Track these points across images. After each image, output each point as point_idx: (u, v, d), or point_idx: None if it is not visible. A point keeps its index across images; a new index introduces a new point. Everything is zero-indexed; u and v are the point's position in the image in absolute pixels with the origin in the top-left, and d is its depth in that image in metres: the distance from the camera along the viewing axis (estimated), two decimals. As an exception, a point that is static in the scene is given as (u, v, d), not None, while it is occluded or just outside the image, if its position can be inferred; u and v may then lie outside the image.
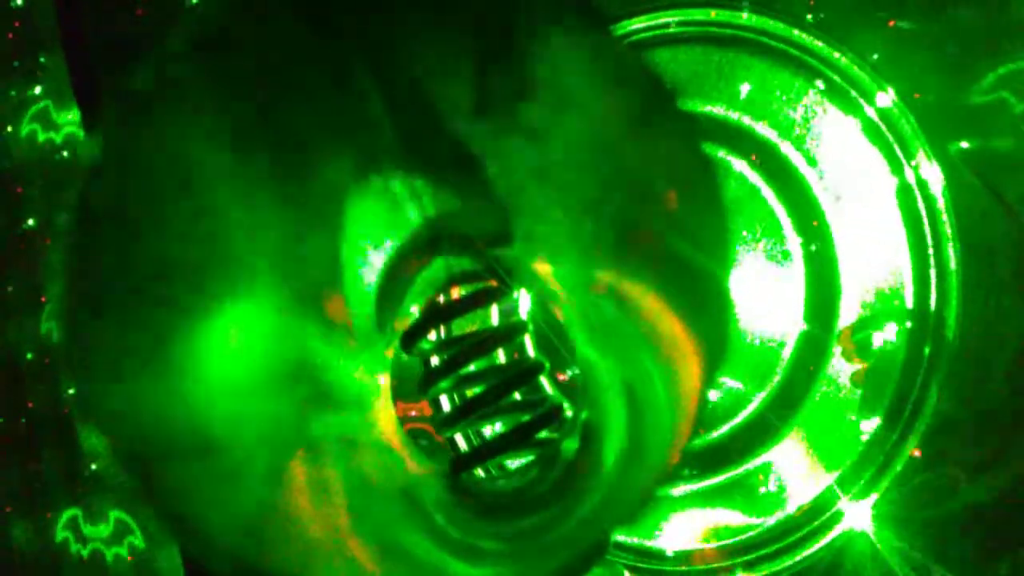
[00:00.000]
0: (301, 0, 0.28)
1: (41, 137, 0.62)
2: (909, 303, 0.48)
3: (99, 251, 0.27)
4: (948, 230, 0.47)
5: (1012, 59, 0.50)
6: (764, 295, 0.50)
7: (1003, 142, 0.50)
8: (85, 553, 0.60)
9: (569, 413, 0.41)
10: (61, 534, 0.60)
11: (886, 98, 0.48)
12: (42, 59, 0.62)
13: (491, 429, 0.48)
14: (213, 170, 0.30)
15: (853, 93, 0.49)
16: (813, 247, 0.50)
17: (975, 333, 0.47)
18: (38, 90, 0.62)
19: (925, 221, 0.48)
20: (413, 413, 0.42)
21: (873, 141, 0.49)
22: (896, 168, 0.49)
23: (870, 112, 0.49)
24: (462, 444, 0.49)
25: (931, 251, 0.48)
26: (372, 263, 0.37)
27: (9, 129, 0.64)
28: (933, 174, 0.48)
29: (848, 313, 0.49)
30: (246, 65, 0.29)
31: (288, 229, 0.33)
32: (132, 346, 0.28)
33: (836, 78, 0.49)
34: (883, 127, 0.48)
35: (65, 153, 0.62)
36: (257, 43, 0.28)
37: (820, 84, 0.50)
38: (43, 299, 0.62)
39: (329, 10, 0.28)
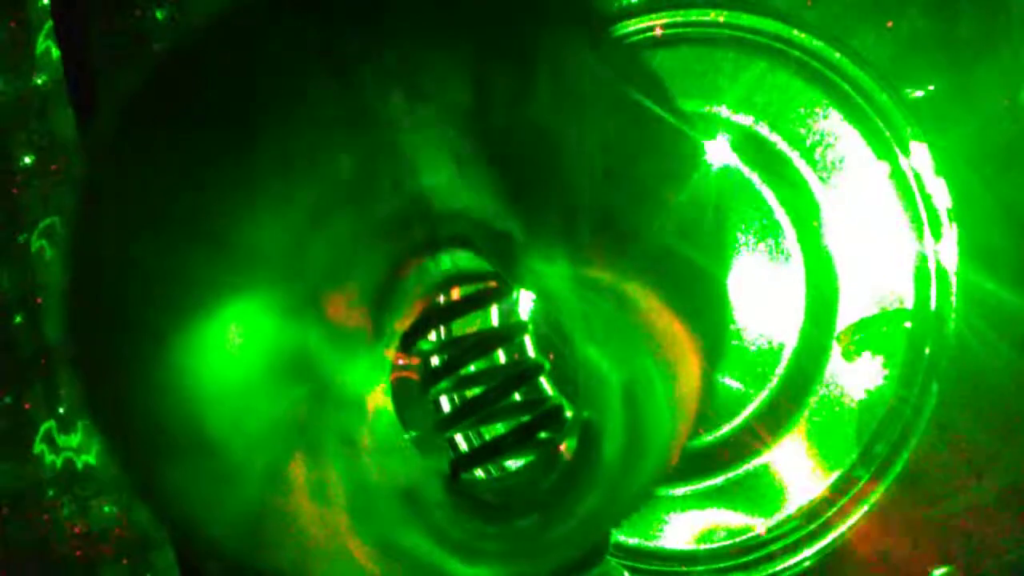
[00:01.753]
0: (304, 2, 0.28)
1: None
2: (909, 303, 0.48)
3: (97, 250, 0.27)
4: (948, 229, 0.47)
5: (1013, 58, 0.50)
6: (764, 295, 0.50)
7: (1004, 141, 0.50)
8: (59, 463, 0.61)
9: (569, 413, 0.41)
10: (38, 447, 0.62)
11: (888, 100, 0.48)
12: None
13: (491, 430, 0.48)
14: (213, 170, 0.30)
15: (853, 92, 0.49)
16: (813, 247, 0.50)
17: (975, 332, 0.47)
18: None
19: (925, 221, 0.48)
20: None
21: (873, 141, 0.49)
22: (896, 167, 0.49)
23: (870, 111, 0.49)
24: (462, 444, 0.49)
25: (931, 251, 0.48)
26: (372, 263, 0.37)
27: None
28: (933, 174, 0.48)
29: (848, 313, 0.49)
30: (248, 65, 0.29)
31: (289, 229, 0.33)
32: (131, 345, 0.28)
33: (836, 78, 0.49)
34: (882, 125, 0.48)
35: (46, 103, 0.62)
36: (259, 42, 0.29)
37: (820, 84, 0.50)
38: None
39: (332, 11, 0.28)
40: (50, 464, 0.62)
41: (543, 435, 0.41)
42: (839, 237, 0.50)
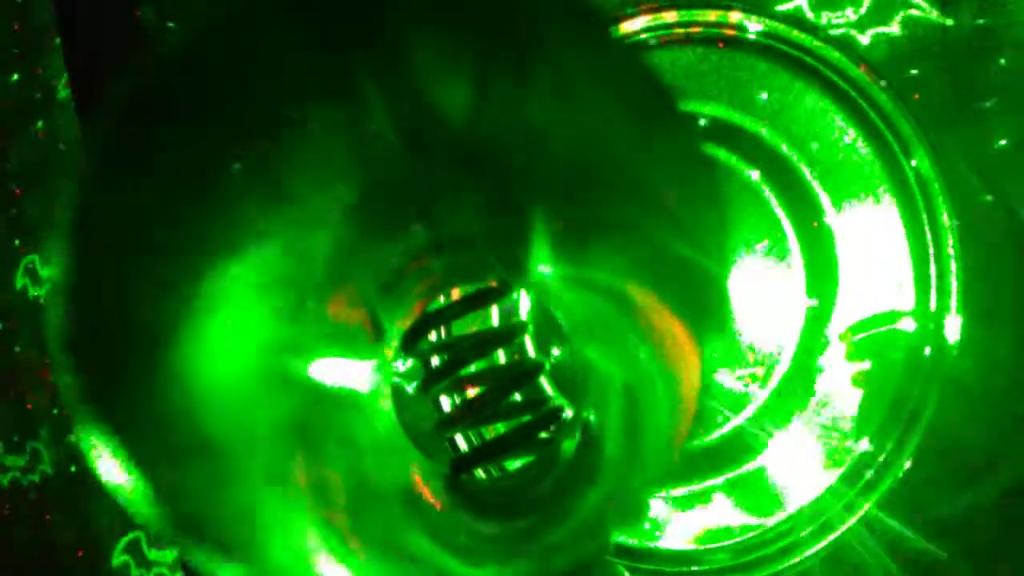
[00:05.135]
0: (302, 6, 0.28)
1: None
2: (909, 303, 0.48)
3: (95, 251, 0.27)
4: (948, 229, 0.47)
5: (1012, 58, 0.50)
6: (764, 295, 0.50)
7: (1004, 141, 0.50)
8: (41, 294, 0.62)
9: (569, 413, 0.41)
10: (20, 281, 0.62)
11: (888, 100, 0.48)
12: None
13: (491, 430, 0.48)
14: (214, 172, 0.30)
15: (853, 93, 0.49)
16: (813, 247, 0.50)
17: (975, 333, 0.47)
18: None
19: (925, 221, 0.48)
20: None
21: (873, 140, 0.49)
22: (896, 168, 0.49)
23: (870, 112, 0.49)
24: (462, 445, 0.49)
25: (931, 251, 0.48)
26: (373, 263, 0.37)
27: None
28: (933, 173, 0.48)
29: (848, 313, 0.49)
30: (245, 68, 0.29)
31: (289, 229, 0.33)
32: (130, 346, 0.28)
33: (836, 79, 0.49)
34: (883, 127, 0.48)
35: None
36: (257, 45, 0.29)
37: (820, 85, 0.50)
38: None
39: (331, 9, 0.28)
40: (33, 299, 0.62)
41: (543, 435, 0.41)
42: (839, 237, 0.50)
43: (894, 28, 0.51)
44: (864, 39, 0.51)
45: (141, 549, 0.59)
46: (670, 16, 0.50)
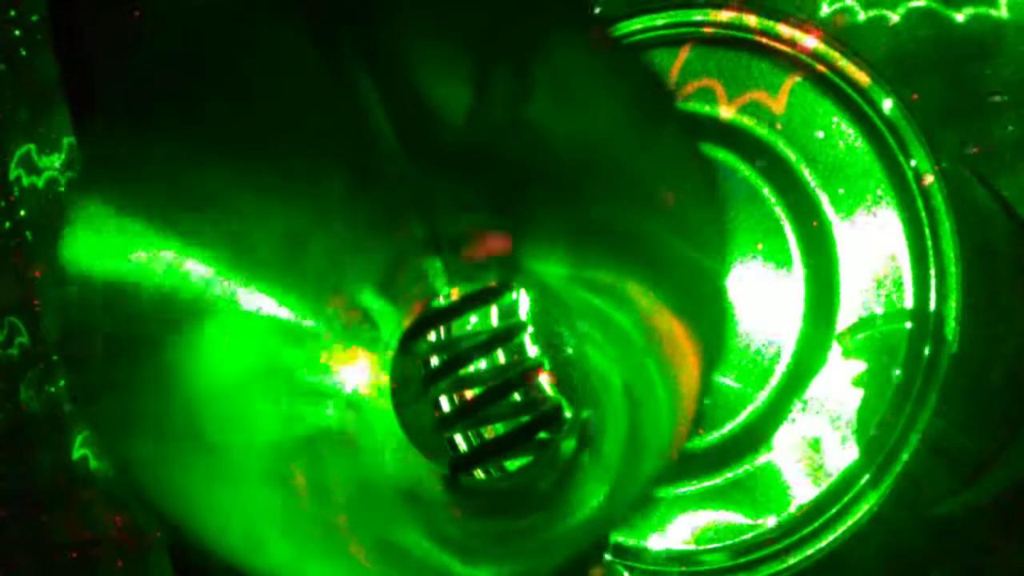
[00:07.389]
0: (301, 7, 0.28)
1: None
2: (909, 303, 0.48)
3: (95, 251, 0.27)
4: (948, 230, 0.47)
5: (1011, 59, 0.50)
6: (764, 295, 0.50)
7: (1003, 141, 0.50)
8: (40, 183, 0.59)
9: (568, 413, 0.41)
10: (14, 172, 0.59)
11: (887, 100, 0.48)
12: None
13: (490, 430, 0.48)
14: (213, 173, 0.30)
15: (853, 93, 0.49)
16: (812, 247, 0.50)
17: (975, 333, 0.47)
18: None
19: (925, 220, 0.48)
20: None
21: (873, 141, 0.49)
22: (896, 168, 0.49)
23: (870, 112, 0.49)
24: (461, 444, 0.49)
25: (931, 251, 0.48)
26: (372, 264, 0.37)
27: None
28: (933, 174, 0.48)
29: (848, 313, 0.49)
30: (243, 64, 0.29)
31: (288, 231, 0.33)
32: (129, 345, 0.28)
33: (836, 79, 0.49)
34: (883, 127, 0.48)
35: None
36: (255, 41, 0.29)
37: (821, 85, 0.50)
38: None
39: (329, 16, 0.28)
40: (29, 186, 0.59)
41: (542, 435, 0.41)
42: (839, 237, 0.49)
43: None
44: (960, 17, 0.50)
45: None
46: (669, 16, 0.50)
